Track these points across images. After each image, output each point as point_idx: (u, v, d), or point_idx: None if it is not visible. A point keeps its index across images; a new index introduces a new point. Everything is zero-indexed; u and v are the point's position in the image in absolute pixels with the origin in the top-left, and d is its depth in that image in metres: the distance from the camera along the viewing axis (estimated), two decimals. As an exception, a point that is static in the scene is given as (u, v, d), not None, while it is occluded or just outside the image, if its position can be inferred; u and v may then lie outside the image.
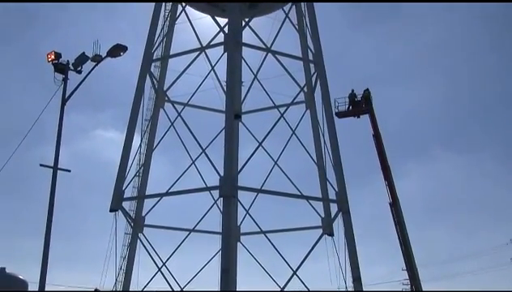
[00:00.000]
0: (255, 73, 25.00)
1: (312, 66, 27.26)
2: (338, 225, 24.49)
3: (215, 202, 22.62)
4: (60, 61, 21.17)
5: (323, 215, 25.70)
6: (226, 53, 23.87)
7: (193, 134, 23.37)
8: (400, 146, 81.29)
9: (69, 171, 21.25)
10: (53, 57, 21.06)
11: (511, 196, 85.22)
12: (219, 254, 21.61)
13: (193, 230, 23.83)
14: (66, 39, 67.27)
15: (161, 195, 24.50)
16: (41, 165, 20.43)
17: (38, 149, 51.76)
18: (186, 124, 23.78)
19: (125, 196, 24.50)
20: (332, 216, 25.01)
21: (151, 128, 26.96)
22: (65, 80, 21.10)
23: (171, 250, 23.66)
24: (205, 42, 25.57)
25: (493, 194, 79.60)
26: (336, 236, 24.62)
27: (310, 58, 27.22)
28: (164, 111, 26.47)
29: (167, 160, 51.06)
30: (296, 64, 27.21)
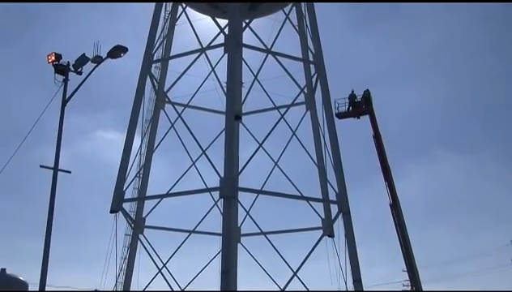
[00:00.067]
0: (255, 74, 25.04)
1: (312, 67, 27.27)
2: (338, 226, 24.58)
3: (216, 203, 22.64)
4: (60, 62, 21.16)
5: (323, 216, 25.68)
6: (226, 54, 23.89)
7: (193, 135, 23.39)
8: (401, 147, 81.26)
9: (69, 172, 21.22)
10: (54, 58, 21.04)
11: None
12: (219, 255, 21.59)
13: (193, 231, 23.86)
14: (67, 40, 67.22)
15: (161, 196, 24.50)
16: (42, 167, 20.41)
17: (38, 150, 51.72)
18: (187, 125, 23.80)
19: (125, 197, 24.52)
20: (332, 217, 25.03)
21: (152, 129, 26.97)
22: (65, 81, 21.08)
23: (171, 251, 23.71)
24: (205, 43, 25.62)
25: (494, 195, 79.55)
26: (336, 237, 24.68)
27: (310, 59, 27.24)
28: (165, 112, 26.50)
29: (167, 161, 51.12)
30: (296, 65, 27.26)
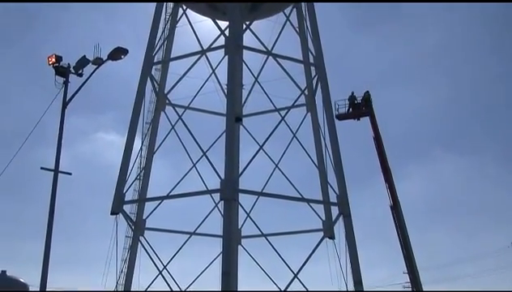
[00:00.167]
0: (256, 76, 25.10)
1: (313, 68, 27.27)
2: (339, 228, 24.54)
3: (216, 205, 22.63)
4: (61, 64, 21.18)
5: (324, 218, 25.67)
6: (227, 56, 23.88)
7: (194, 137, 23.38)
8: (401, 148, 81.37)
9: (70, 174, 21.23)
10: (54, 60, 21.05)
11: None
12: (219, 257, 21.58)
13: (194, 233, 23.85)
14: (67, 41, 67.40)
15: (162, 198, 24.50)
16: (42, 168, 20.42)
17: (39, 152, 51.87)
18: (187, 127, 23.79)
19: (126, 199, 24.49)
20: (333, 219, 25.00)
21: (152, 131, 26.97)
22: (66, 83, 21.10)
23: (172, 253, 23.71)
24: (206, 45, 25.66)
25: (494, 196, 79.60)
26: (337, 239, 24.66)
27: (311, 61, 27.25)
28: (165, 114, 26.51)
29: (168, 163, 51.17)
30: (296, 67, 27.26)
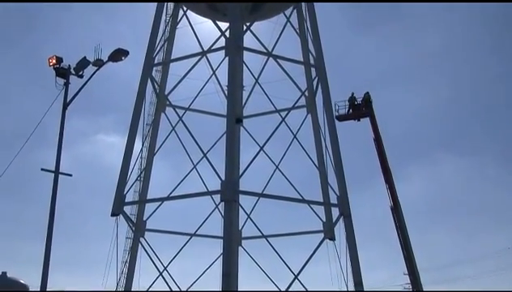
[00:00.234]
0: (256, 77, 25.10)
1: (313, 70, 27.27)
2: (339, 230, 24.50)
3: (217, 206, 22.61)
4: (61, 65, 21.20)
5: (325, 219, 25.66)
6: (227, 57, 23.87)
7: (194, 138, 23.38)
8: (401, 149, 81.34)
9: (70, 175, 21.28)
10: (55, 61, 21.10)
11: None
12: (220, 258, 21.57)
13: (194, 235, 23.83)
14: (67, 43, 67.45)
15: (162, 200, 24.48)
16: (43, 170, 20.44)
17: (40, 153, 51.84)
18: (188, 128, 23.79)
19: (126, 201, 24.46)
20: (334, 220, 24.97)
21: (153, 132, 26.97)
22: (66, 85, 21.13)
23: (172, 254, 23.70)
24: (206, 46, 25.63)
25: (495, 197, 79.55)
26: (338, 240, 24.61)
27: (311, 62, 27.23)
28: (166, 115, 26.51)
29: (168, 164, 51.20)
30: (297, 68, 27.25)
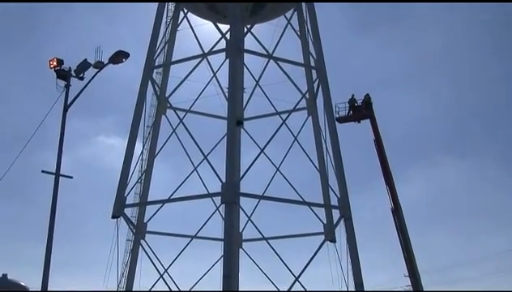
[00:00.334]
0: (257, 79, 25.09)
1: (314, 72, 27.29)
2: (340, 232, 24.49)
3: (217, 208, 22.61)
4: (62, 67, 21.21)
5: (325, 221, 25.64)
6: (228, 59, 23.88)
7: (195, 140, 23.37)
8: (402, 150, 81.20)
9: (71, 177, 21.26)
10: (56, 63, 21.10)
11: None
12: (221, 260, 21.56)
13: (195, 237, 23.80)
14: (68, 45, 67.46)
15: (163, 202, 24.45)
16: (43, 172, 20.43)
17: (40, 155, 51.84)
18: (188, 130, 23.78)
19: (127, 203, 24.44)
20: (334, 222, 24.96)
21: (153, 134, 26.96)
22: (67, 87, 21.13)
23: (173, 256, 23.65)
24: (207, 49, 25.67)
25: (495, 199, 79.42)
26: (338, 242, 24.59)
27: (312, 64, 27.23)
28: (166, 117, 26.50)
29: (169, 166, 51.18)
30: (297, 70, 27.30)
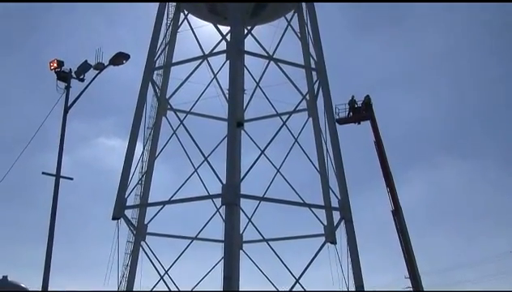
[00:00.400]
0: (257, 81, 25.11)
1: (314, 73, 27.29)
2: (340, 233, 24.47)
3: (218, 210, 22.61)
4: (62, 69, 21.21)
5: (326, 223, 25.65)
6: (228, 61, 23.91)
7: (195, 142, 23.37)
8: (402, 152, 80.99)
9: (71, 179, 21.23)
10: (56, 65, 21.09)
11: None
12: (221, 262, 21.55)
13: (195, 238, 23.81)
14: (68, 46, 67.40)
15: (163, 203, 24.47)
16: (44, 173, 20.41)
17: (40, 156, 51.72)
18: (189, 132, 23.78)
19: (127, 204, 24.43)
20: (335, 223, 24.94)
21: (154, 136, 26.96)
22: (67, 88, 21.12)
23: (173, 258, 23.65)
24: (207, 50, 25.70)
25: (496, 200, 79.27)
26: (339, 244, 24.56)
27: (312, 66, 27.24)
28: (167, 119, 26.52)
29: (169, 168, 51.10)
30: (298, 72, 27.28)
